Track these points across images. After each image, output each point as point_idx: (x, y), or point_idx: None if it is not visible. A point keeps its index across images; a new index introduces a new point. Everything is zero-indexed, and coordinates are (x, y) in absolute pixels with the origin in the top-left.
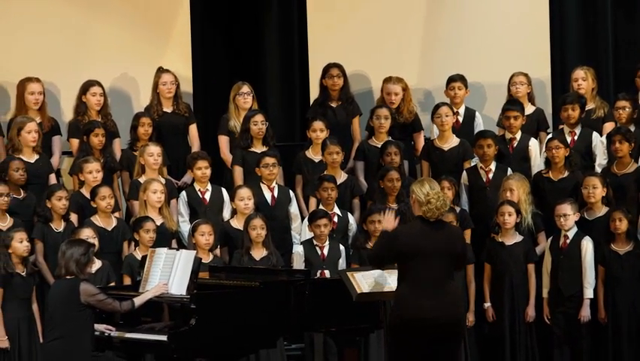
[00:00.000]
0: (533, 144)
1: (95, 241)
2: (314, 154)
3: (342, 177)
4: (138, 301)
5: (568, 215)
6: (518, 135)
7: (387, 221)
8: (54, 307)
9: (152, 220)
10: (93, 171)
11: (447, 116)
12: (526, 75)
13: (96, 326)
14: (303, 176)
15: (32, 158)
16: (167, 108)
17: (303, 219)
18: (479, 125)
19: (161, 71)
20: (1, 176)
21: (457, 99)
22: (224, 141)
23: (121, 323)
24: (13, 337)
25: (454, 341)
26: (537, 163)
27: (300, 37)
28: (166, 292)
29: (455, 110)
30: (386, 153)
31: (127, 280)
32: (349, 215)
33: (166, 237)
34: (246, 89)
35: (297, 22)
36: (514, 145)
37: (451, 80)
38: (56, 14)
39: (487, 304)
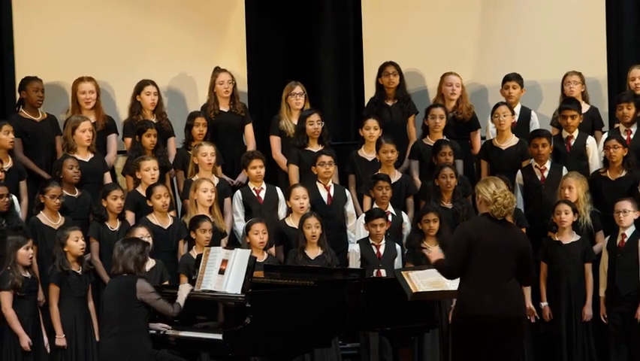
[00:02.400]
0: (591, 142)
1: (150, 240)
2: (367, 153)
3: (396, 175)
4: (182, 302)
5: (628, 211)
6: (575, 134)
7: (434, 254)
8: (111, 305)
9: (209, 220)
10: (150, 168)
11: (505, 115)
12: (579, 74)
13: (152, 324)
14: (356, 175)
15: (87, 157)
16: (224, 108)
17: (357, 218)
18: (535, 124)
19: (218, 70)
20: (55, 174)
21: (513, 98)
22: (275, 141)
23: (176, 322)
24: (70, 335)
25: (516, 338)
26: (595, 161)
27: (355, 36)
28: (191, 289)
29: (512, 108)
30: (440, 153)
31: (183, 280)
32: (403, 214)
33: (216, 236)
34: (298, 89)
35: (352, 20)
36: (572, 144)
37: (507, 79)
38: (113, 14)
39: (544, 304)
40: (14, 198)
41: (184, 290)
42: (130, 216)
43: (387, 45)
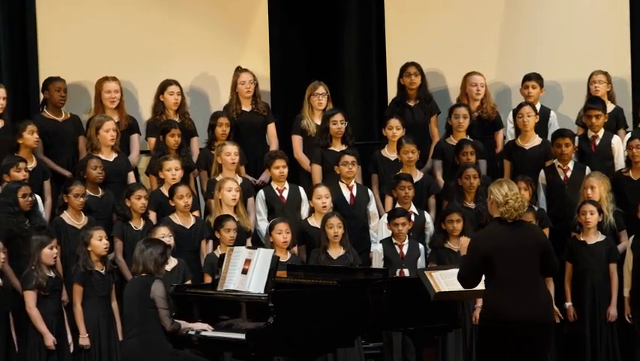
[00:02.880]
0: (616, 141)
1: (171, 240)
2: (390, 153)
3: (418, 175)
4: (184, 326)
5: None
6: (600, 133)
7: (464, 247)
8: (130, 305)
9: (233, 219)
10: (172, 168)
11: (529, 116)
12: (605, 74)
13: (192, 324)
14: (379, 174)
15: (111, 156)
16: (246, 107)
17: (380, 217)
18: (553, 123)
19: (239, 70)
20: (79, 174)
21: (532, 98)
22: (297, 141)
23: (199, 322)
24: (93, 334)
25: (540, 343)
26: (620, 161)
27: (378, 36)
28: (207, 330)
29: (535, 109)
30: (462, 153)
31: (207, 279)
32: (426, 214)
33: (241, 236)
34: (321, 89)
35: (375, 20)
36: (597, 143)
37: (527, 78)
38: (136, 14)
39: (569, 304)
40: (38, 197)
41: (199, 325)
42: (152, 216)
43: (410, 45)
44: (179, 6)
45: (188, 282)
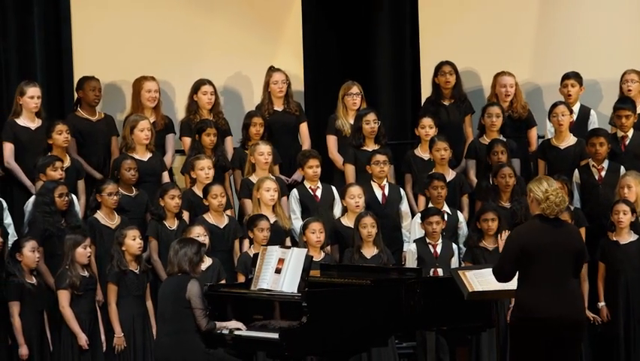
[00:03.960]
0: None
1: (206, 239)
2: (423, 152)
3: (450, 174)
4: (219, 325)
5: None
6: (630, 133)
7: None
8: (165, 304)
9: (267, 219)
10: (205, 167)
11: (563, 115)
12: (638, 73)
13: (226, 323)
14: (412, 174)
15: (145, 156)
16: (278, 107)
17: (412, 217)
18: (594, 123)
19: (272, 70)
20: (113, 174)
21: (571, 97)
22: (332, 141)
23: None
24: (128, 334)
25: (573, 341)
26: None
27: (412, 35)
28: (241, 328)
29: (571, 108)
30: (492, 152)
31: (241, 278)
32: (459, 213)
33: (280, 235)
34: (355, 89)
35: (408, 19)
36: (626, 143)
37: (566, 77)
38: (170, 13)
39: (602, 304)
40: (74, 197)
41: (234, 323)
42: (186, 216)
43: (444, 44)
44: (213, 5)
45: (223, 281)
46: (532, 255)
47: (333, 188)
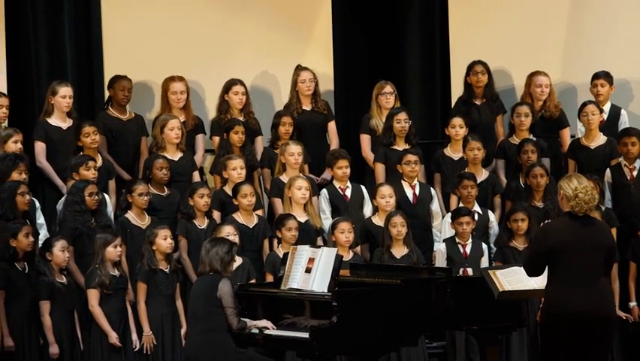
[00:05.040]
0: None
1: (236, 238)
2: (453, 152)
3: (482, 174)
4: (250, 323)
5: None
6: None
7: None
8: (196, 303)
9: (295, 218)
10: (237, 167)
11: (593, 114)
12: None
13: (256, 321)
14: (442, 173)
15: (176, 156)
16: (306, 106)
17: (442, 217)
18: (624, 122)
19: (299, 68)
20: (145, 174)
21: (601, 97)
22: (365, 140)
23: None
24: (157, 333)
25: (605, 337)
26: None
27: (442, 34)
28: (272, 327)
29: (601, 107)
30: (522, 151)
31: (269, 278)
32: (490, 213)
33: (311, 234)
34: (388, 88)
35: (438, 18)
36: None
37: (595, 77)
38: (199, 13)
39: (633, 304)
40: (106, 196)
41: (263, 322)
42: (216, 215)
43: (474, 43)
44: (243, 5)
45: (253, 281)
46: (561, 252)
47: (363, 188)
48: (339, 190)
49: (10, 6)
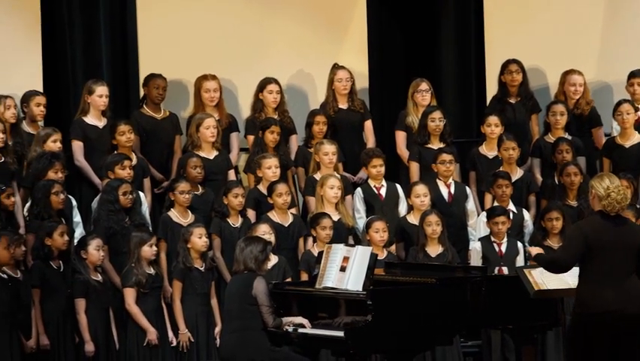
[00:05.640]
0: None
1: (272, 237)
2: (488, 150)
3: (517, 173)
4: (287, 323)
5: None
6: None
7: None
8: (231, 302)
9: (330, 217)
10: (272, 166)
11: (628, 113)
12: None
13: (292, 318)
14: (477, 172)
15: (211, 154)
16: (343, 105)
17: (478, 215)
18: None
19: (336, 67)
20: (179, 173)
21: (637, 95)
22: (401, 136)
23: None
24: (191, 331)
25: (636, 335)
26: None
27: (477, 33)
28: (308, 326)
29: (636, 106)
30: (557, 150)
31: (304, 276)
32: (524, 212)
33: (343, 233)
34: (424, 86)
35: (473, 16)
36: None
37: (632, 75)
38: (234, 12)
39: None
40: (142, 195)
41: (299, 319)
42: (251, 214)
43: (509, 41)
44: (278, 3)
45: (289, 279)
46: (593, 250)
47: (398, 186)
48: (374, 189)
49: (46, 6)
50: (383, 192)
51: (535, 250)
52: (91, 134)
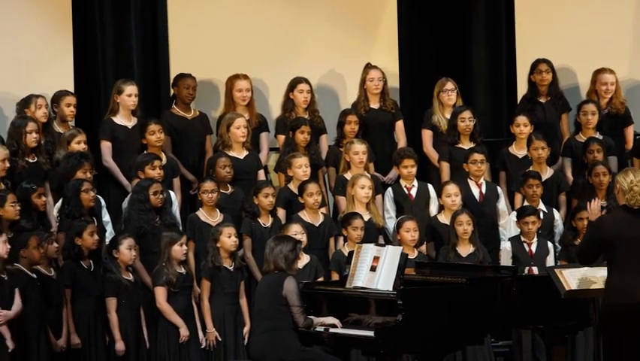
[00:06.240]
0: None
1: (304, 237)
2: (518, 150)
3: (547, 172)
4: (317, 323)
5: None
6: None
7: (593, 212)
8: (261, 302)
9: (361, 217)
10: (302, 165)
11: None
12: None
13: (322, 318)
14: (507, 172)
15: (242, 154)
16: (374, 104)
17: (508, 215)
18: None
19: (369, 67)
20: (209, 172)
21: None
22: (427, 135)
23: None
24: (219, 330)
25: None
26: None
27: (508, 32)
28: (339, 326)
29: None
30: (588, 150)
31: (335, 276)
32: (555, 211)
33: (373, 232)
34: (450, 85)
35: (504, 16)
36: None
37: None
38: (265, 11)
39: None
40: (172, 195)
41: (330, 319)
42: (281, 213)
43: (540, 41)
44: (308, 3)
45: (320, 279)
46: (616, 244)
47: (430, 186)
48: (405, 189)
49: (77, 6)
50: (414, 192)
51: (594, 215)
52: (119, 134)
